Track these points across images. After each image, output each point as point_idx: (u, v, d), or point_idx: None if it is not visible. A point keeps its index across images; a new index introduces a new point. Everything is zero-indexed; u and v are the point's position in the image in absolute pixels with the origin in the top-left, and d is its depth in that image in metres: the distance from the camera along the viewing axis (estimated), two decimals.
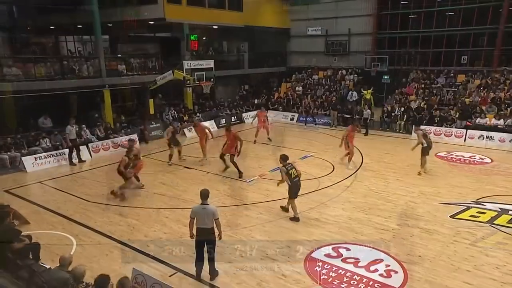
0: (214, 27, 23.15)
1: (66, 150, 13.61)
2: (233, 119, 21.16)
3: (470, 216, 8.92)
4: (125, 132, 16.33)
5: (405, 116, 18.53)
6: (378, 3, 23.68)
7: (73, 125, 13.39)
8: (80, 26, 21.00)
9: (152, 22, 19.54)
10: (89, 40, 22.52)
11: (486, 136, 16.07)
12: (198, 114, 19.89)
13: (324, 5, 25.66)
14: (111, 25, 19.58)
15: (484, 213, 9.03)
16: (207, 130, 13.36)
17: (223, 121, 20.50)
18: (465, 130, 16.64)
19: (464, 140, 16.43)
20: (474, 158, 13.88)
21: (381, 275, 6.58)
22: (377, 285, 6.32)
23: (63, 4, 18.85)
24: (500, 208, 9.24)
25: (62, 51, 21.99)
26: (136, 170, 10.58)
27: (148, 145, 16.29)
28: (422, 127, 17.36)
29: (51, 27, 22.05)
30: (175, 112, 19.12)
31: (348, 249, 7.43)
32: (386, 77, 22.11)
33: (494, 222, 8.50)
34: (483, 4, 20.64)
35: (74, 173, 12.85)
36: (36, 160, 13.08)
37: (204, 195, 6.36)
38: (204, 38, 25.30)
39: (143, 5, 18.70)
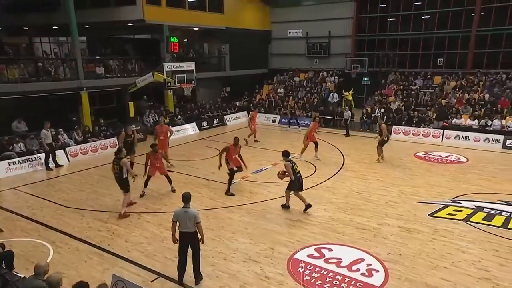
0: (194, 28, 23.02)
1: (42, 155, 13.23)
2: (215, 121, 21.04)
3: (447, 214, 9.12)
4: (105, 135, 15.98)
5: (385, 117, 18.87)
6: (357, 6, 24.15)
7: (48, 129, 13.01)
8: (56, 27, 20.52)
9: (131, 24, 19.27)
10: (65, 41, 22.02)
11: (462, 136, 16.57)
12: (179, 116, 19.70)
13: (304, 7, 25.98)
14: (88, 26, 19.22)
15: (460, 211, 9.26)
16: (168, 133, 13.20)
17: (205, 123, 20.37)
18: (442, 130, 17.10)
19: (441, 140, 16.89)
20: (451, 158, 14.25)
21: (362, 274, 6.65)
22: (359, 284, 6.38)
23: (37, 4, 18.38)
24: (475, 206, 9.51)
25: (37, 52, 21.41)
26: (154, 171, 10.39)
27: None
28: (401, 127, 17.91)
29: (25, 28, 21.47)
30: (156, 115, 18.85)
31: (330, 250, 7.49)
32: (366, 78, 22.51)
33: (470, 220, 8.73)
34: (457, 9, 21.33)
35: (50, 178, 12.50)
36: (9, 165, 12.64)
37: (186, 198, 6.29)
38: (184, 40, 25.14)
39: (122, 6, 18.43)
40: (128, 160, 11.64)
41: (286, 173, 9.14)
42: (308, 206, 9.24)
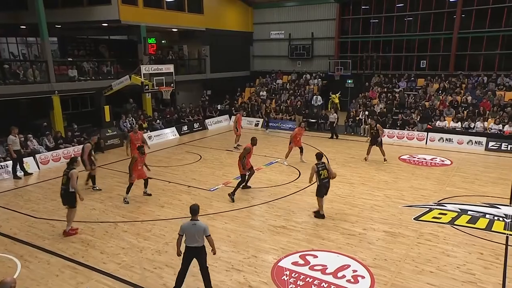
0: (173, 30, 22.59)
1: (10, 162, 12.56)
2: (195, 125, 20.61)
3: (432, 217, 9.07)
4: (78, 141, 15.33)
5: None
6: (339, 8, 24.20)
7: (15, 134, 12.37)
8: (24, 26, 19.69)
9: (106, 24, 18.70)
10: (34, 42, 21.20)
11: (446, 139, 16.68)
12: (158, 121, 19.18)
13: (287, 8, 25.89)
14: (59, 26, 18.53)
15: (445, 214, 9.23)
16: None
17: (185, 128, 19.92)
18: (426, 133, 17.20)
19: (426, 143, 16.98)
20: (435, 160, 14.30)
21: (348, 281, 6.56)
22: None
23: (3, 2, 17.59)
24: (460, 209, 9.49)
25: (3, 54, 20.53)
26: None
27: (105, 155, 15.46)
28: (386, 130, 17.90)
29: None
30: (133, 120, 18.28)
31: (315, 256, 7.37)
32: (349, 81, 22.55)
33: (455, 223, 8.71)
34: (438, 11, 21.63)
35: (18, 187, 11.86)
36: None
37: (194, 210, 5.95)
38: (163, 41, 24.65)
39: (96, 5, 17.88)
40: (89, 172, 11.08)
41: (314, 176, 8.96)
42: (321, 216, 9.05)
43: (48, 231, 8.59)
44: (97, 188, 11.26)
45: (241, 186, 10.63)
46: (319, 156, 9.23)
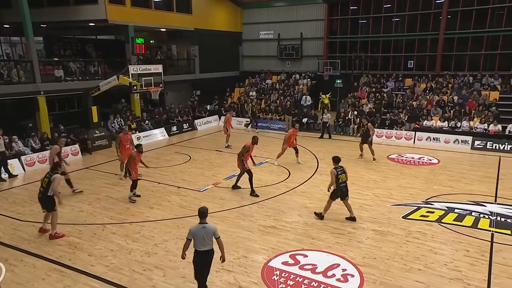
0: (162, 29, 22.43)
1: None
2: (185, 126, 20.49)
3: (420, 216, 9.20)
4: (66, 142, 15.10)
5: (358, 119, 19.00)
6: (328, 8, 24.34)
7: (0, 136, 12.14)
8: (8, 25, 19.28)
9: (93, 24, 18.46)
10: (19, 41, 20.79)
11: (433, 138, 16.93)
12: (146, 121, 19.01)
13: (276, 9, 25.95)
14: (45, 25, 18.21)
15: (433, 212, 9.36)
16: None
17: (174, 128, 19.79)
18: (414, 132, 17.43)
19: (413, 142, 17.20)
20: (423, 159, 14.50)
21: (338, 280, 6.60)
22: None
23: None
24: (447, 207, 9.64)
25: None
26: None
27: (92, 156, 15.30)
28: (374, 130, 18.01)
29: None
30: (121, 120, 18.08)
31: (305, 256, 7.39)
32: (338, 81, 22.70)
33: (442, 221, 8.84)
34: (425, 12, 21.93)
35: (3, 190, 11.64)
36: None
37: (203, 213, 5.78)
38: (151, 41, 24.45)
39: (82, 4, 17.65)
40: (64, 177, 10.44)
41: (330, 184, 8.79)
42: (352, 218, 8.89)
43: (34, 234, 8.44)
44: (78, 190, 10.97)
45: (238, 183, 10.82)
46: (337, 159, 8.90)
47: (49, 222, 8.35)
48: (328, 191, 8.92)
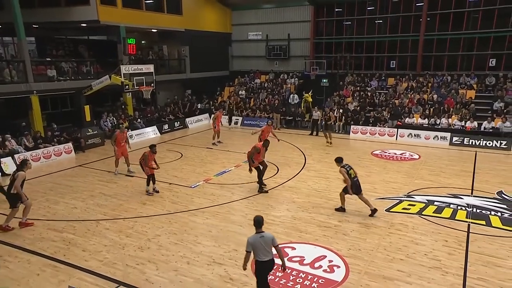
0: (153, 30, 22.54)
1: None
2: (176, 124, 20.71)
3: (402, 209, 9.57)
4: (58, 141, 15.21)
5: (343, 117, 19.51)
6: (314, 10, 24.77)
7: None
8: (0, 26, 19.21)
9: (85, 24, 18.51)
10: (11, 41, 20.68)
11: (414, 134, 17.52)
12: (139, 120, 19.18)
13: (264, 10, 26.29)
14: (37, 26, 18.19)
15: (414, 205, 9.75)
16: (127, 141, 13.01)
17: (166, 126, 19.99)
18: (396, 129, 17.98)
19: (396, 139, 17.74)
20: (405, 155, 15.00)
21: (325, 270, 6.79)
22: (321, 281, 6.52)
23: None
24: (427, 200, 10.06)
25: None
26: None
27: (85, 154, 15.40)
28: (359, 127, 18.56)
29: None
30: (114, 119, 18.21)
31: (293, 248, 7.59)
32: (324, 80, 23.12)
33: (423, 213, 9.22)
34: (406, 14, 22.53)
35: None
36: None
37: (259, 222, 5.43)
38: (143, 41, 24.53)
39: (74, 6, 17.67)
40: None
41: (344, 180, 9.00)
42: (374, 211, 9.06)
43: (28, 230, 8.52)
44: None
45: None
46: (340, 159, 9.20)
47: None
48: (347, 184, 9.00)
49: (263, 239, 5.35)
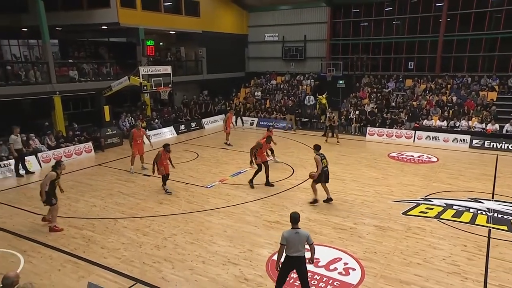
0: (171, 32, 22.86)
1: (12, 161, 12.75)
2: (193, 125, 20.93)
3: (420, 212, 9.41)
4: (79, 140, 15.61)
5: (360, 119, 19.33)
6: (331, 11, 24.63)
7: (17, 134, 12.60)
8: (26, 29, 19.87)
9: (106, 27, 18.95)
10: (36, 44, 21.36)
11: (432, 137, 17.20)
12: (156, 120, 19.48)
13: (280, 12, 26.31)
14: (60, 28, 18.73)
15: (432, 208, 9.58)
16: (145, 137, 13.41)
17: (182, 127, 20.24)
18: (414, 131, 17.69)
19: (413, 141, 17.46)
20: (423, 157, 14.74)
21: (340, 273, 6.74)
22: (337, 283, 6.48)
23: (4, 5, 17.72)
24: (445, 204, 9.87)
25: (5, 55, 20.66)
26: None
27: (105, 153, 15.74)
28: (375, 129, 18.33)
29: None
30: (132, 119, 18.56)
31: (308, 250, 7.56)
32: (341, 81, 22.98)
33: (441, 217, 9.04)
34: (425, 15, 22.14)
35: (21, 185, 12.07)
36: None
37: (295, 218, 5.57)
38: (161, 43, 24.92)
39: (96, 9, 18.12)
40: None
41: (315, 171, 9.57)
42: (329, 199, 9.91)
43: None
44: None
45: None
46: (318, 147, 9.82)
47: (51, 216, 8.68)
48: (311, 177, 9.64)
49: (298, 236, 5.48)
